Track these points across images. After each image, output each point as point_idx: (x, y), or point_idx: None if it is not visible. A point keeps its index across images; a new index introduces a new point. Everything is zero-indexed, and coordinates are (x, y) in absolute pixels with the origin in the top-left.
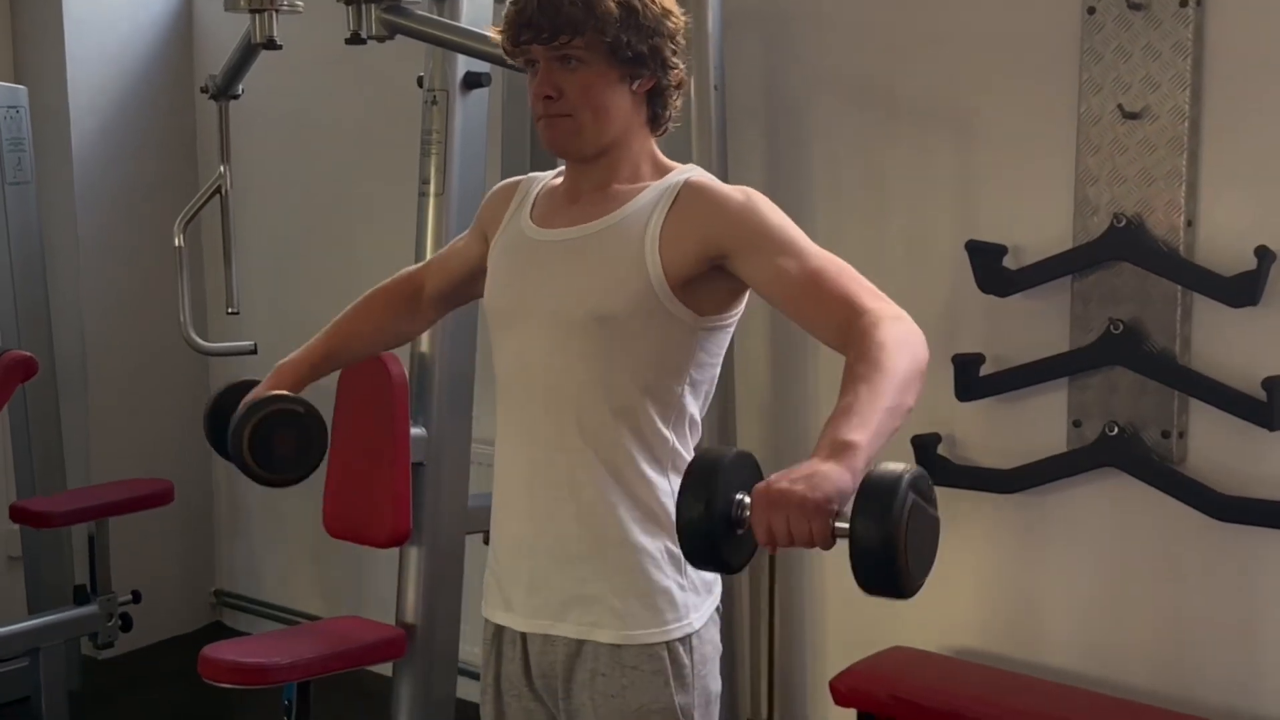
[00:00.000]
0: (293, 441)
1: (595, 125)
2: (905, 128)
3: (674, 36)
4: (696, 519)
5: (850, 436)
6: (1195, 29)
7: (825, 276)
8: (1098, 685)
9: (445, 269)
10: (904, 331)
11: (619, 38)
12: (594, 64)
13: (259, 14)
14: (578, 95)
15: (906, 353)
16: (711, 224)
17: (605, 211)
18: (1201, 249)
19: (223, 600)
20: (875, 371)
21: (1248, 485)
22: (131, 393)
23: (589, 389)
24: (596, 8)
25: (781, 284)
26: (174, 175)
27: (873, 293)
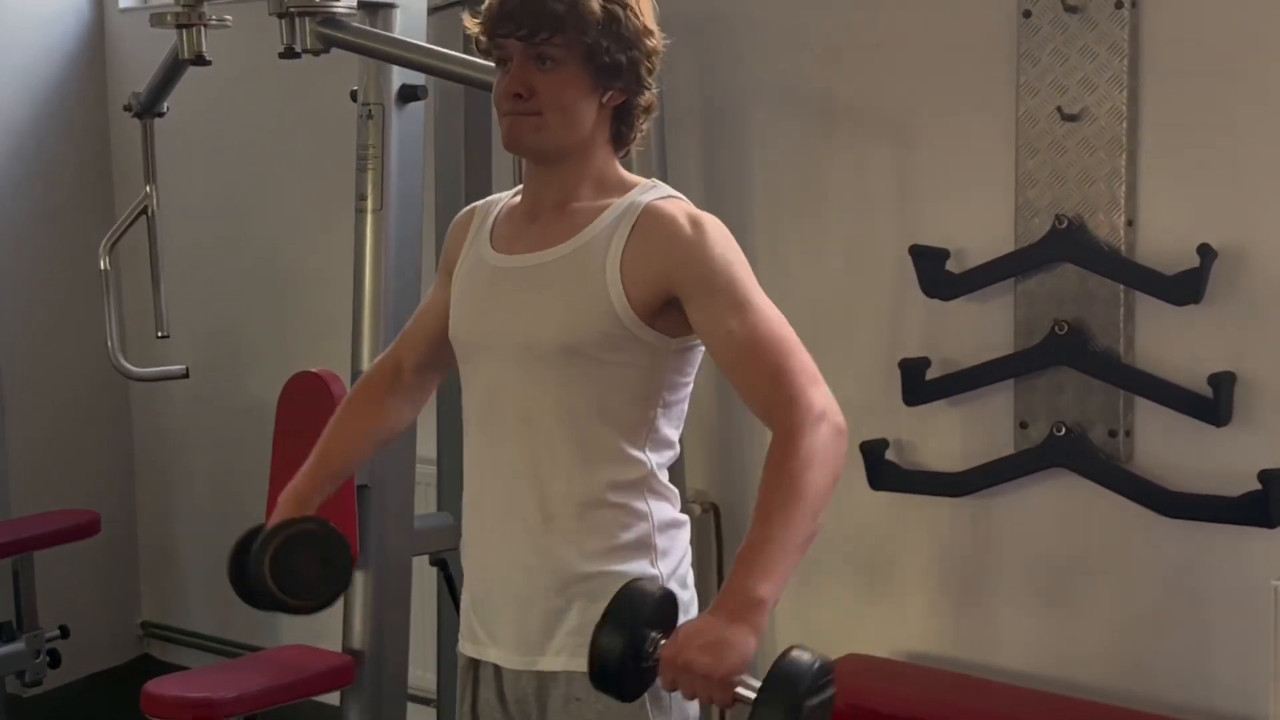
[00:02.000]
0: (316, 561)
1: (560, 126)
2: (844, 134)
3: (650, 56)
4: (611, 655)
5: (760, 591)
6: (1131, 30)
7: (763, 348)
8: (1052, 685)
9: (419, 334)
10: (826, 442)
11: (599, 42)
12: (569, 66)
13: (186, 29)
14: (548, 95)
15: (826, 471)
16: (664, 261)
17: (566, 235)
18: (1143, 248)
19: (150, 632)
20: (791, 499)
21: (1195, 481)
22: (52, 422)
23: (560, 419)
24: (580, 8)
25: (723, 345)
26: (89, 197)
27: (808, 376)
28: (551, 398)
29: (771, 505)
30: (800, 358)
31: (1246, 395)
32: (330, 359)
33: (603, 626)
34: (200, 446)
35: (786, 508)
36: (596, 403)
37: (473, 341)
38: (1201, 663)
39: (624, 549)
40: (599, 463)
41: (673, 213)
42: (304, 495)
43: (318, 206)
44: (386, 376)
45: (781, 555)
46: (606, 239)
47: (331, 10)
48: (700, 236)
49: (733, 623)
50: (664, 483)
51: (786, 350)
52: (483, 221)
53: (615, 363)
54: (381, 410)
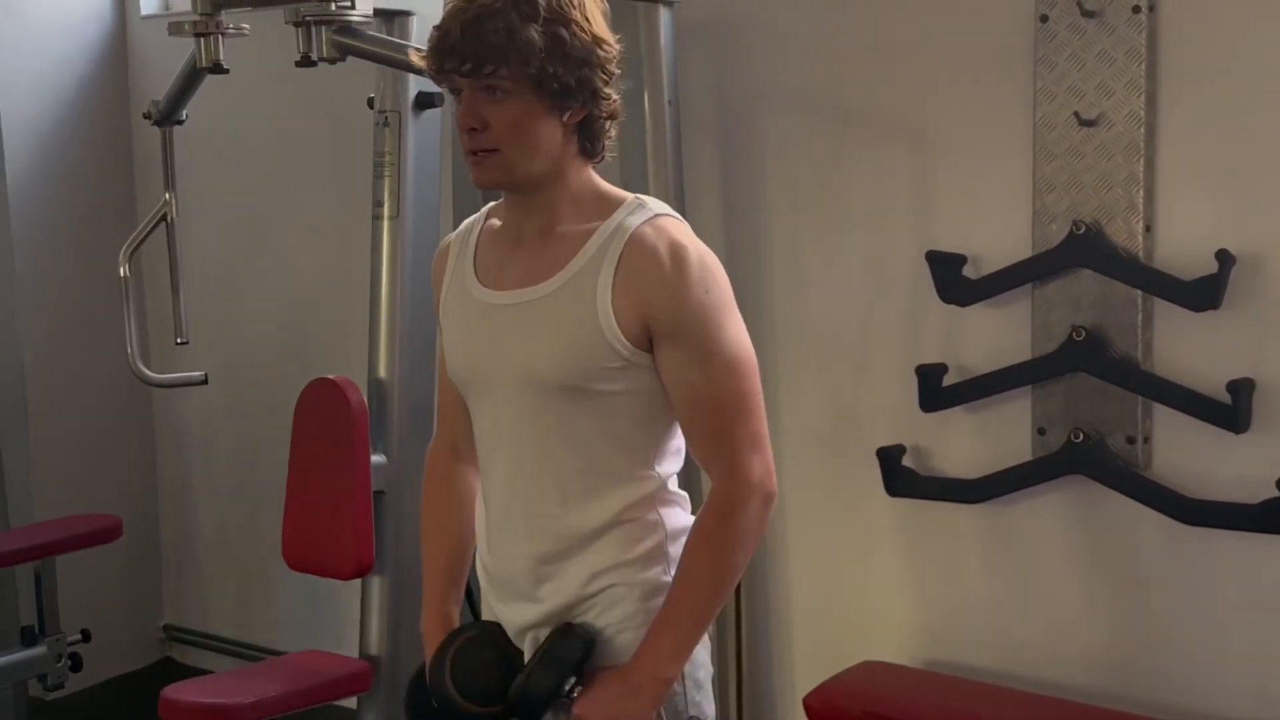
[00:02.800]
0: (494, 662)
1: (524, 159)
2: (860, 139)
3: (605, 66)
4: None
5: (667, 672)
6: (1148, 34)
7: (714, 411)
8: (1068, 692)
9: (457, 412)
10: (751, 519)
11: (544, 69)
12: (520, 95)
13: (204, 38)
14: (503, 129)
15: (748, 548)
16: (643, 296)
17: (555, 266)
18: (1161, 254)
19: (172, 636)
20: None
21: (1213, 489)
22: (75, 427)
23: (567, 452)
24: (519, 37)
25: (682, 396)
26: (112, 203)
27: (750, 439)
28: (556, 432)
29: (692, 583)
30: (745, 423)
31: (1265, 402)
32: (347, 365)
33: (539, 666)
34: (221, 451)
35: (705, 589)
36: (602, 432)
37: (473, 381)
38: (1219, 670)
39: (638, 560)
40: (609, 488)
41: (653, 245)
42: (445, 610)
43: (335, 213)
44: (447, 460)
45: (693, 633)
46: (595, 269)
47: (347, 19)
48: (677, 275)
49: (635, 698)
50: (674, 490)
51: (734, 414)
52: (461, 250)
53: (617, 392)
54: (460, 494)
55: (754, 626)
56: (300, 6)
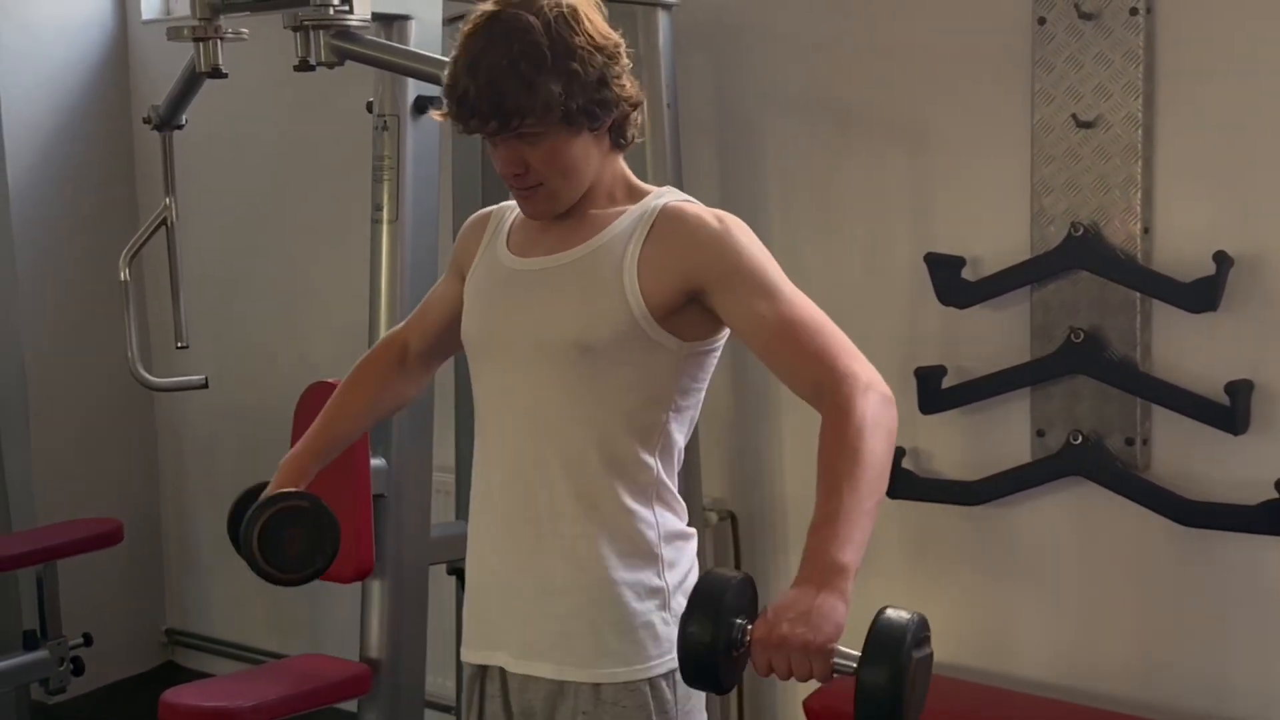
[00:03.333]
0: (302, 537)
1: (570, 185)
2: (859, 141)
3: (620, 74)
4: (702, 646)
5: (841, 558)
6: (1146, 36)
7: (801, 329)
8: (1071, 695)
9: (426, 322)
10: (878, 409)
11: (568, 106)
12: (552, 133)
13: (203, 42)
14: (543, 165)
15: (882, 436)
16: (687, 257)
17: (583, 239)
18: (1159, 255)
19: (174, 639)
20: (856, 467)
21: (1213, 490)
22: (76, 430)
23: (572, 420)
24: (539, 89)
25: (756, 330)
26: (113, 207)
27: (849, 352)
28: (564, 397)
29: (836, 475)
30: (837, 335)
31: (1264, 403)
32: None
33: (689, 617)
34: (222, 455)
35: (851, 476)
36: (609, 402)
37: (485, 341)
38: (1220, 672)
39: (631, 558)
40: (609, 464)
41: (695, 211)
42: (304, 463)
43: (334, 217)
44: (393, 355)
45: (855, 522)
46: (624, 240)
47: (346, 23)
48: (725, 230)
49: (821, 590)
50: (672, 493)
51: (822, 329)
52: (498, 226)
53: (628, 363)
54: (385, 387)
55: None
56: (299, 11)
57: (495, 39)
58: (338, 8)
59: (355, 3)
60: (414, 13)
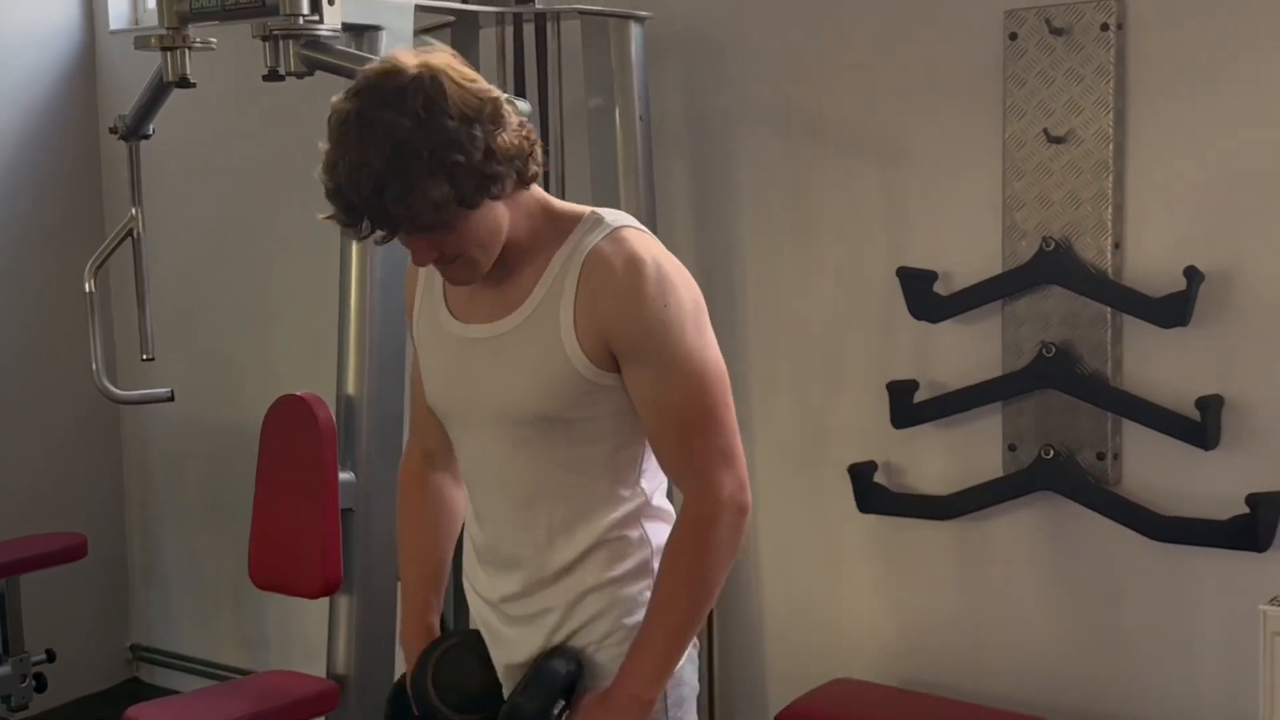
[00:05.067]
0: (476, 670)
1: (489, 251)
2: (832, 155)
3: (501, 125)
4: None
5: (648, 693)
6: (1117, 52)
7: (682, 423)
8: (1041, 709)
9: (431, 422)
10: (727, 531)
11: (461, 194)
12: (455, 221)
13: (171, 52)
14: (456, 245)
15: (724, 561)
16: (603, 316)
17: (519, 296)
18: (1130, 270)
19: (139, 655)
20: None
21: (1183, 505)
22: (40, 443)
23: (550, 479)
24: (426, 194)
25: (644, 408)
26: (79, 218)
27: (721, 455)
28: (538, 461)
29: (667, 602)
30: (714, 437)
31: (1234, 418)
32: (315, 382)
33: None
34: (188, 469)
35: (681, 607)
36: (584, 457)
37: (452, 413)
38: (1190, 686)
39: (624, 578)
40: (593, 510)
41: (609, 259)
42: (429, 625)
43: (304, 229)
44: (421, 468)
45: (671, 653)
46: (557, 296)
47: (316, 33)
48: (633, 290)
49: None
50: (659, 506)
51: (702, 429)
52: (430, 274)
53: (594, 416)
54: (437, 502)
55: (726, 644)
56: (268, 21)
57: (367, 143)
58: (307, 17)
59: (325, 13)
60: (384, 23)
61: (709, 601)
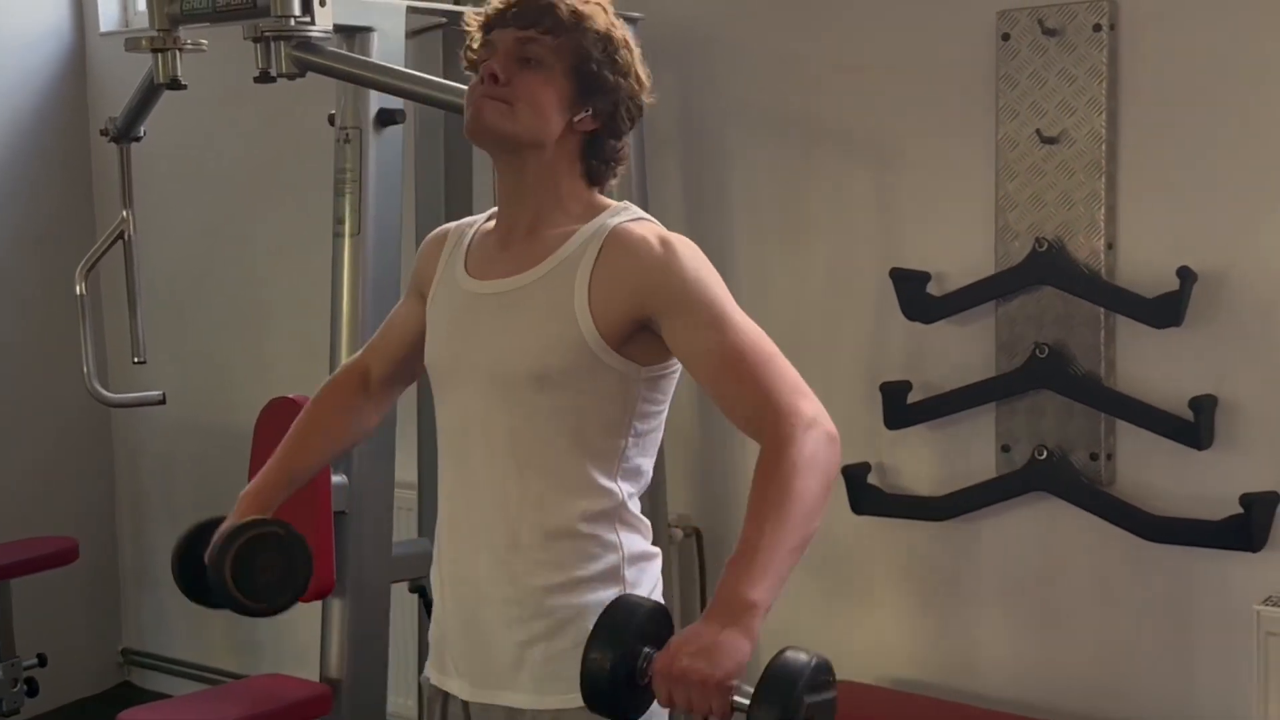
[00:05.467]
0: (276, 565)
1: (527, 119)
2: (824, 157)
3: (634, 98)
4: (601, 673)
5: (752, 595)
6: (1109, 53)
7: (746, 361)
8: (1036, 710)
9: (388, 347)
10: (817, 447)
11: (589, 51)
12: (551, 72)
13: (162, 54)
14: (524, 89)
15: (818, 474)
16: (633, 285)
17: (536, 259)
18: (1123, 271)
19: (131, 659)
20: (784, 501)
21: (1177, 505)
22: (31, 447)
23: (531, 448)
24: (584, 15)
25: (701, 360)
26: (70, 220)
27: (795, 387)
28: (522, 426)
29: (762, 509)
30: (784, 369)
31: (1228, 418)
32: (307, 384)
33: (592, 641)
34: (180, 472)
35: (778, 510)
36: (567, 431)
37: (445, 369)
38: (1185, 687)
39: (593, 580)
40: (570, 492)
41: (641, 234)
42: (265, 495)
43: (296, 231)
44: (354, 383)
45: (773, 559)
46: (574, 264)
47: (307, 34)
48: (670, 255)
49: (725, 627)
50: (635, 514)
51: (769, 362)
52: (456, 245)
53: (586, 391)
54: (347, 416)
55: None
56: (259, 22)
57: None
58: (299, 19)
59: (317, 14)
60: (376, 25)
61: (809, 514)
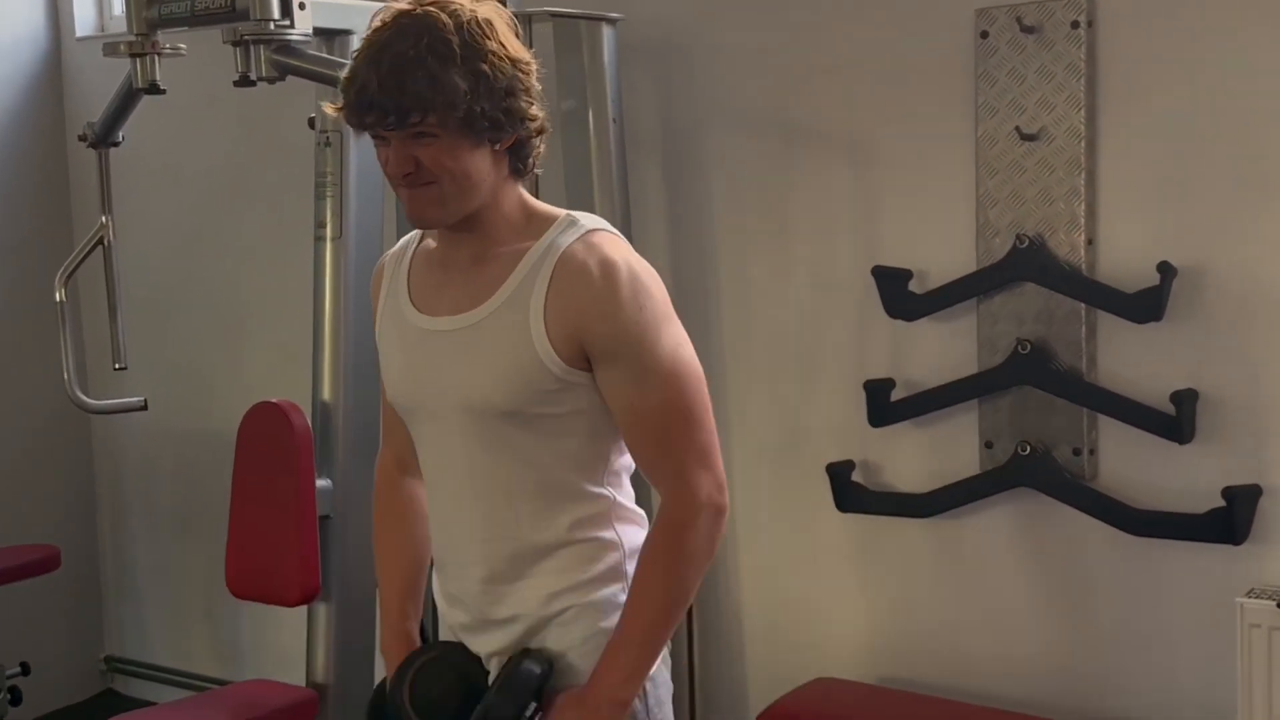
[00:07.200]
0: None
1: (461, 193)
2: (804, 156)
3: (529, 89)
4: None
5: (623, 694)
6: (1088, 50)
7: (658, 426)
8: (1020, 705)
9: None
10: (704, 533)
11: (471, 109)
12: (449, 136)
13: (140, 58)
14: (438, 165)
15: (699, 565)
16: (576, 317)
17: (488, 289)
18: (1103, 266)
19: (114, 666)
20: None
21: (1159, 499)
22: (11, 455)
23: (514, 475)
24: (443, 83)
25: (620, 413)
26: (48, 227)
27: (698, 455)
28: (502, 456)
29: (645, 603)
30: (690, 437)
31: (1209, 412)
32: (290, 389)
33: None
34: (162, 478)
35: (661, 607)
36: (549, 451)
37: (412, 408)
38: (1168, 680)
39: (596, 580)
40: (559, 506)
41: (583, 262)
42: (407, 633)
43: (277, 235)
44: (394, 475)
45: (647, 655)
46: (528, 292)
47: (286, 38)
48: (609, 291)
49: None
50: (630, 508)
51: (678, 429)
52: (395, 269)
53: (561, 412)
54: (411, 507)
55: (706, 645)
56: (238, 26)
57: (403, 32)
58: (278, 22)
59: (296, 17)
60: (356, 28)
61: (684, 603)
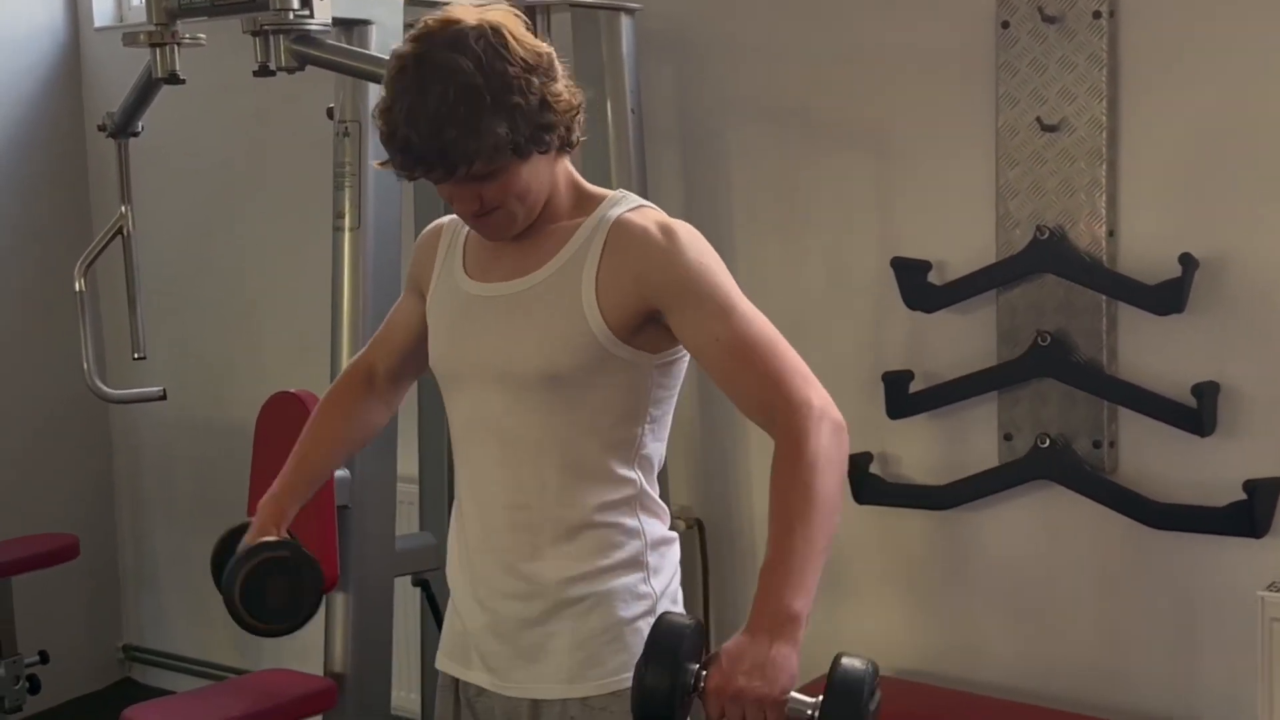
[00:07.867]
0: (285, 587)
1: (527, 206)
2: (823, 147)
3: (557, 86)
4: (659, 695)
5: (794, 606)
6: (1109, 40)
7: (753, 350)
8: (1039, 699)
9: (391, 344)
10: (830, 442)
11: (516, 141)
12: (504, 167)
13: (160, 48)
14: (500, 195)
15: (835, 472)
16: (638, 275)
17: (540, 260)
18: (1124, 258)
19: (131, 655)
20: (809, 506)
21: (1180, 492)
22: (30, 444)
23: (546, 445)
24: (484, 133)
25: (709, 350)
26: (67, 217)
27: (803, 375)
28: (536, 424)
29: (789, 516)
30: (790, 358)
31: (1230, 405)
32: (308, 379)
33: (646, 665)
34: (179, 468)
35: (805, 515)
36: (583, 425)
37: (454, 371)
38: (1188, 674)
39: (617, 568)
40: (587, 484)
41: (642, 224)
42: (282, 504)
43: (296, 225)
44: (360, 382)
45: (808, 565)
46: (580, 261)
47: (306, 28)
48: (673, 244)
49: (775, 641)
50: (655, 499)
51: (775, 352)
52: (452, 241)
53: (599, 385)
54: (356, 415)
55: (722, 638)
56: (258, 16)
57: (428, 85)
58: (298, 12)
59: (315, 7)
60: (375, 17)
61: (830, 510)
